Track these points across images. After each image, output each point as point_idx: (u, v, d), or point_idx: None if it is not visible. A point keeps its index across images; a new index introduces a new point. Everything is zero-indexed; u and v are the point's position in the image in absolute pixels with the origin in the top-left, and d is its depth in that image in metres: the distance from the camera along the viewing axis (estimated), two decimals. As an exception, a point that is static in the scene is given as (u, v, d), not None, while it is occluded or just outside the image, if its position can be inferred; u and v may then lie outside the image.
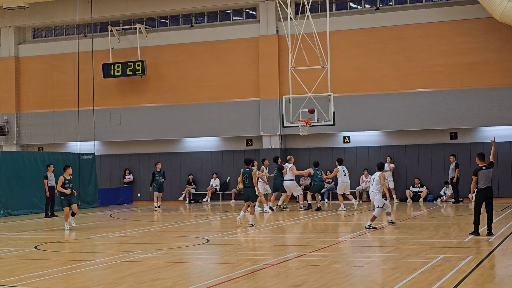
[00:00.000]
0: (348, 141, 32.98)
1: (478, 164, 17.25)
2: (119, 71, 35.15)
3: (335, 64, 30.07)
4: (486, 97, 30.50)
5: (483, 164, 17.10)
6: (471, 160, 30.81)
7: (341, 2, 33.35)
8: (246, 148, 34.21)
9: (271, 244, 17.23)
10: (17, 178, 29.34)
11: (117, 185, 36.23)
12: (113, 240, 18.31)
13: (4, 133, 37.44)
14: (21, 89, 37.84)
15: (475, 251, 14.44)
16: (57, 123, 36.54)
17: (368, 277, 11.59)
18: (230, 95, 33.98)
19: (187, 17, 35.84)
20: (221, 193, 34.64)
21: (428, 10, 31.66)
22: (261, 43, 33.51)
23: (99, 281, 11.57)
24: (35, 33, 38.84)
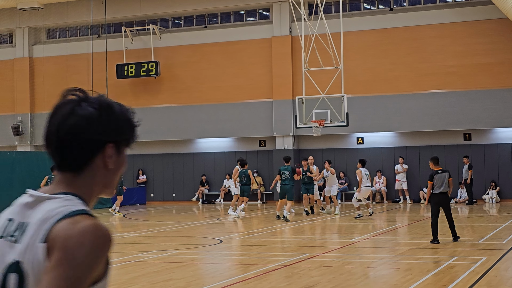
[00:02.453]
0: (361, 142, 32.91)
1: (432, 168, 16.56)
2: (133, 71, 35.24)
3: (348, 65, 30.01)
4: (500, 98, 30.36)
5: (438, 168, 16.45)
6: (485, 162, 30.71)
7: (355, 2, 33.29)
8: (259, 149, 34.21)
9: (284, 245, 17.23)
10: (31, 178, 29.44)
11: (131, 186, 36.31)
12: (127, 240, 18.36)
13: (18, 134, 37.62)
14: (36, 89, 38.01)
15: (489, 252, 14.38)
16: (71, 123, 36.61)
17: (381, 279, 11.57)
18: (243, 96, 33.99)
19: (200, 18, 35.89)
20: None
21: (442, 11, 31.56)
22: (275, 44, 33.50)
23: (113, 281, 11.60)
24: (50, 33, 39.02)
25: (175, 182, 35.66)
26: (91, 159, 2.22)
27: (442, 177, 16.20)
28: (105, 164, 2.25)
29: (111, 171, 2.27)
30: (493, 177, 30.70)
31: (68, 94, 2.28)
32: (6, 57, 38.66)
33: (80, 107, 2.23)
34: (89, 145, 2.21)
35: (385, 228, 20.40)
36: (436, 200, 16.16)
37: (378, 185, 31.73)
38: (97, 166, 2.24)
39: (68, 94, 2.28)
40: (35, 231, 2.12)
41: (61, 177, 2.24)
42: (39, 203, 2.19)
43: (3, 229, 2.24)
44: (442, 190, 16.13)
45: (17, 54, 38.33)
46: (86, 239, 2.03)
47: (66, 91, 2.29)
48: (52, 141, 2.23)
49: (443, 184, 16.13)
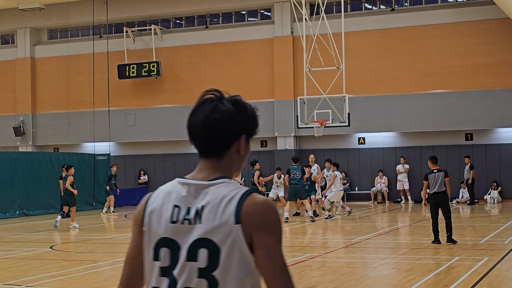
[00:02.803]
0: (363, 142, 32.90)
1: (430, 167, 16.34)
2: (134, 72, 35.25)
3: (350, 65, 30.01)
4: (501, 98, 30.35)
5: (434, 168, 16.21)
6: (486, 162, 30.70)
7: (356, 2, 33.29)
8: (261, 149, 34.21)
9: (286, 245, 17.23)
10: (32, 178, 29.49)
11: (132, 186, 36.32)
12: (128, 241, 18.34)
13: (20, 134, 37.64)
14: (37, 90, 38.03)
15: (490, 253, 14.37)
16: (73, 123, 36.69)
17: (382, 279, 11.57)
18: (244, 96, 33.04)
19: (202, 18, 35.90)
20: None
21: (443, 11, 31.55)
22: (276, 44, 33.50)
23: (114, 282, 11.61)
24: (51, 34, 39.03)
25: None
26: (229, 147, 2.75)
27: (437, 176, 15.96)
28: (239, 150, 2.78)
29: (242, 156, 2.81)
30: (495, 177, 30.69)
31: (207, 93, 2.79)
32: (8, 57, 38.68)
33: (222, 104, 2.76)
34: (229, 135, 2.74)
35: (386, 228, 20.40)
36: (433, 200, 15.97)
37: (380, 185, 31.73)
38: (233, 153, 2.77)
39: (207, 93, 2.79)
40: (218, 213, 2.62)
41: (207, 163, 2.76)
42: (203, 189, 2.68)
43: (174, 215, 2.68)
44: (436, 190, 15.88)
45: (18, 55, 38.35)
46: (272, 211, 2.63)
47: (205, 92, 2.79)
48: (197, 133, 2.74)
49: (437, 184, 15.88)
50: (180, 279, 2.63)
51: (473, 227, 20.46)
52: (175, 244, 2.67)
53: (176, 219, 2.68)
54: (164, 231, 2.69)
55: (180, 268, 2.63)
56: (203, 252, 2.61)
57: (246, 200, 2.62)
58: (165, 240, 2.68)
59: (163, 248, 2.69)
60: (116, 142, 36.27)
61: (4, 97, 38.54)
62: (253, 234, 2.60)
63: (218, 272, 2.59)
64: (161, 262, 2.68)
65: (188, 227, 2.65)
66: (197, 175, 2.74)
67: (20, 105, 38.03)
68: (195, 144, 2.77)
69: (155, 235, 2.71)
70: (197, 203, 2.66)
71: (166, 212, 2.71)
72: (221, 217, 2.61)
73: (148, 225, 2.75)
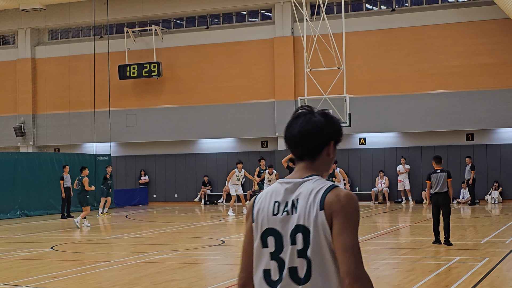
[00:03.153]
0: (363, 142, 32.90)
1: (434, 167, 16.09)
2: (135, 72, 35.26)
3: (350, 65, 30.01)
4: (502, 98, 30.34)
5: (437, 168, 15.97)
6: (487, 162, 30.68)
7: (357, 3, 33.29)
8: (262, 149, 34.22)
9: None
10: (33, 179, 29.50)
11: (133, 186, 36.33)
12: (129, 241, 18.36)
13: (20, 134, 37.65)
14: (38, 90, 38.04)
15: (491, 253, 14.37)
16: (73, 124, 36.70)
17: (383, 279, 11.56)
18: (245, 96, 34.00)
19: (202, 19, 35.90)
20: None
21: (444, 11, 31.55)
22: (277, 45, 33.51)
23: (115, 282, 11.61)
24: (52, 34, 39.04)
25: (177, 182, 35.67)
26: (321, 151, 3.34)
27: (439, 177, 15.79)
28: (329, 154, 3.36)
29: (331, 159, 3.37)
30: (496, 177, 30.69)
31: (300, 109, 3.45)
32: (9, 58, 38.69)
33: (313, 116, 3.38)
34: (321, 142, 3.34)
35: (387, 229, 20.40)
36: (434, 200, 15.80)
37: (381, 186, 31.73)
38: (324, 156, 3.35)
39: (300, 109, 3.45)
40: (308, 202, 3.21)
41: (302, 165, 3.35)
42: (298, 185, 3.28)
43: (275, 208, 3.28)
44: (438, 190, 15.73)
45: (19, 55, 38.36)
46: (351, 201, 3.16)
47: (299, 107, 3.45)
48: (294, 141, 3.36)
49: (439, 184, 15.72)
50: (286, 260, 3.21)
51: (474, 227, 20.45)
52: (278, 233, 3.26)
53: (277, 212, 3.28)
54: (268, 223, 3.29)
55: (285, 252, 3.22)
56: (299, 236, 3.20)
57: (330, 192, 3.19)
58: (270, 230, 3.28)
59: (269, 237, 3.28)
60: (117, 142, 36.28)
61: (5, 98, 38.55)
62: (333, 218, 3.15)
63: (309, 251, 3.17)
64: (269, 249, 3.27)
65: (287, 217, 3.24)
66: (294, 175, 3.35)
67: (21, 106, 38.04)
68: (293, 150, 3.38)
69: (261, 227, 3.31)
70: (293, 197, 3.26)
71: (269, 207, 3.31)
72: (310, 205, 3.19)
73: (256, 220, 3.34)
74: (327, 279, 3.15)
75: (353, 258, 3.08)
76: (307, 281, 3.17)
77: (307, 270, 3.17)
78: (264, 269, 3.28)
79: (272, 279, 3.26)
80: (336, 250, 3.12)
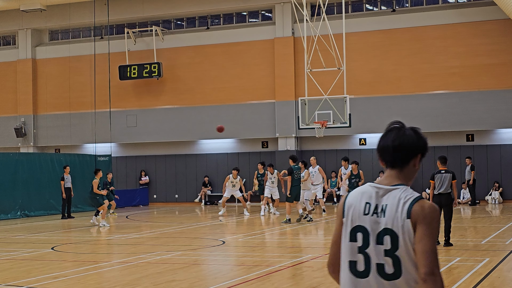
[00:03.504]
0: (364, 143, 32.91)
1: (438, 167, 15.95)
2: (135, 73, 35.27)
3: (351, 66, 30.01)
4: (502, 99, 30.35)
5: (442, 168, 15.83)
6: (487, 162, 30.69)
7: (357, 3, 33.29)
8: (262, 150, 34.22)
9: (287, 246, 17.23)
10: (34, 179, 29.50)
11: (133, 187, 36.35)
12: (129, 242, 18.37)
13: (21, 135, 37.66)
14: (38, 91, 38.05)
15: (491, 253, 14.37)
16: (74, 124, 36.71)
17: (384, 280, 11.56)
18: (246, 97, 34.00)
19: (203, 19, 35.91)
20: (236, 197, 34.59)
21: (444, 12, 31.56)
22: (277, 45, 33.51)
23: (115, 282, 11.62)
24: (52, 35, 39.06)
25: (177, 183, 35.68)
26: (408, 162, 3.79)
27: (443, 177, 15.64)
28: (415, 165, 3.82)
29: (416, 170, 3.83)
30: (496, 178, 30.70)
31: (392, 124, 3.85)
32: (9, 58, 38.71)
33: (405, 131, 3.82)
34: (410, 153, 3.79)
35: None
36: (436, 201, 15.57)
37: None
38: (410, 167, 3.80)
39: (392, 124, 3.85)
40: (397, 210, 3.63)
41: (391, 173, 3.80)
42: (387, 192, 3.70)
43: (366, 209, 3.70)
44: (442, 191, 15.59)
45: (20, 56, 38.37)
46: (434, 212, 3.60)
47: (391, 123, 3.86)
48: (387, 151, 3.80)
49: (443, 185, 15.59)
50: (372, 256, 3.65)
51: (474, 227, 20.45)
52: (366, 230, 3.67)
53: (367, 212, 3.69)
54: (358, 221, 3.70)
55: (371, 249, 3.64)
56: (386, 238, 3.62)
57: (416, 203, 3.62)
58: (359, 227, 3.70)
59: (358, 233, 3.69)
60: (117, 143, 36.29)
61: (5, 98, 38.57)
62: (417, 224, 3.58)
63: (399, 252, 3.60)
64: (357, 243, 3.68)
65: (376, 219, 3.66)
66: (384, 181, 3.79)
67: (21, 106, 38.05)
68: (385, 158, 3.82)
69: (351, 223, 3.72)
70: (383, 202, 3.68)
71: (360, 207, 3.71)
72: (398, 213, 3.62)
73: (346, 216, 3.74)
74: (411, 277, 3.60)
75: (431, 260, 3.55)
76: (396, 278, 3.62)
77: (394, 268, 3.62)
78: (350, 260, 3.71)
79: (358, 269, 3.70)
80: (417, 252, 3.57)
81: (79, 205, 31.04)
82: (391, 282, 3.62)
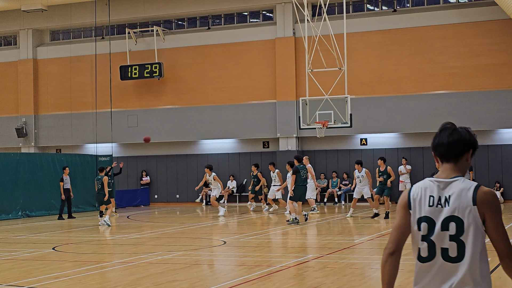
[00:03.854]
0: (365, 143, 32.91)
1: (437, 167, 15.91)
2: (136, 73, 35.28)
3: (352, 66, 30.01)
4: (503, 99, 30.35)
5: None
6: (488, 163, 30.68)
7: (358, 4, 33.29)
8: (263, 150, 34.22)
9: (288, 246, 17.23)
10: (35, 179, 29.52)
11: (134, 187, 36.36)
12: (130, 242, 18.37)
13: (22, 135, 37.67)
14: (39, 91, 38.07)
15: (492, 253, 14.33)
16: (75, 125, 36.73)
17: (385, 280, 11.56)
18: (247, 97, 34.01)
19: (204, 19, 35.92)
20: (237, 195, 34.66)
21: (445, 12, 31.55)
22: (278, 45, 33.52)
23: (116, 283, 11.62)
24: (53, 35, 39.07)
25: (178, 183, 35.69)
26: (462, 156, 4.26)
27: None
28: (467, 159, 4.28)
29: (468, 164, 4.30)
30: (497, 178, 30.70)
31: (445, 125, 4.34)
32: (10, 58, 38.73)
33: (458, 129, 4.30)
34: (464, 149, 4.26)
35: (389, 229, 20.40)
36: None
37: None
38: (463, 160, 4.26)
39: (445, 125, 4.34)
40: (461, 198, 4.11)
41: (447, 166, 4.27)
42: (448, 184, 4.18)
43: (431, 201, 4.19)
44: None
45: (21, 56, 38.39)
46: (495, 196, 4.12)
47: (444, 123, 4.36)
48: (443, 147, 4.27)
49: None
50: (436, 242, 4.13)
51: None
52: (431, 220, 4.17)
53: (432, 204, 4.18)
54: (424, 212, 4.19)
55: (436, 235, 4.13)
56: (452, 224, 4.10)
57: (479, 190, 4.11)
58: (425, 218, 4.19)
59: (423, 222, 4.19)
60: (119, 143, 36.30)
61: (6, 98, 38.59)
62: (485, 213, 4.07)
63: (463, 237, 4.07)
64: (422, 232, 4.18)
65: (440, 209, 4.14)
66: (441, 175, 4.25)
67: (22, 107, 38.07)
68: (441, 154, 4.29)
69: (418, 214, 4.21)
70: (445, 193, 4.16)
71: (425, 200, 4.20)
72: (463, 201, 4.09)
73: (413, 208, 4.23)
74: (475, 259, 4.10)
75: (506, 241, 4.12)
76: (459, 261, 4.10)
77: (458, 251, 4.09)
78: (418, 247, 4.22)
79: (422, 255, 4.21)
80: (493, 238, 4.11)
81: (80, 205, 31.06)
82: (454, 264, 4.10)
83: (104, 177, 23.83)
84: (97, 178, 24.12)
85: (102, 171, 24.30)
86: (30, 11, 35.67)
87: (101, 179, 23.82)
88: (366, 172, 24.94)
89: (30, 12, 35.88)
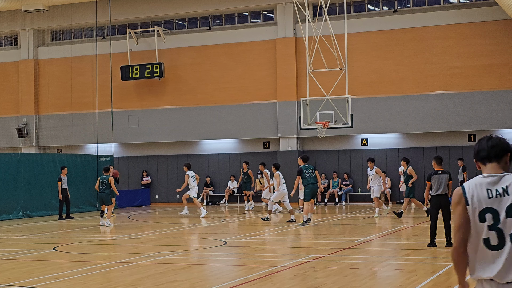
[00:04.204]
0: (365, 143, 32.91)
1: (434, 168, 15.74)
2: (137, 73, 35.29)
3: (353, 66, 30.01)
4: (504, 99, 30.35)
5: (438, 169, 15.62)
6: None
7: (359, 4, 33.29)
8: (264, 150, 34.23)
9: (289, 246, 17.24)
10: (35, 180, 29.52)
11: (135, 187, 36.36)
12: (131, 242, 18.38)
13: (23, 135, 37.69)
14: (40, 91, 38.09)
15: None
16: (76, 125, 36.74)
17: (385, 280, 11.57)
18: (247, 97, 34.01)
19: (205, 20, 35.92)
20: (238, 195, 34.67)
21: (446, 12, 31.55)
22: (279, 45, 33.52)
23: (117, 283, 11.62)
24: (54, 35, 39.09)
25: (179, 183, 35.60)
26: (502, 158, 4.72)
27: (441, 178, 15.48)
28: (506, 162, 4.73)
29: (508, 167, 4.75)
30: (498, 178, 30.63)
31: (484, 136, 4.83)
32: (11, 59, 38.76)
33: (496, 136, 4.76)
34: (503, 151, 4.72)
35: (389, 230, 20.40)
36: (434, 202, 15.51)
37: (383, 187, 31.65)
38: (503, 162, 4.72)
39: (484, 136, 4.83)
40: None
41: (491, 166, 4.72)
42: (501, 178, 4.63)
43: (489, 194, 4.59)
44: (441, 192, 15.44)
45: (22, 56, 38.41)
46: None
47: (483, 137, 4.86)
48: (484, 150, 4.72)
49: (441, 186, 15.44)
50: (504, 229, 4.52)
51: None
52: (494, 210, 4.55)
53: (491, 196, 4.58)
54: (485, 204, 4.57)
55: (503, 223, 4.53)
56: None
57: None
58: (487, 209, 4.56)
59: (487, 214, 4.55)
60: (119, 143, 36.32)
61: (7, 99, 38.61)
62: None
63: None
64: (487, 222, 4.55)
65: (500, 199, 4.57)
66: (491, 172, 4.68)
67: (23, 107, 38.09)
68: (482, 156, 4.75)
69: (478, 208, 4.58)
70: (501, 185, 4.60)
71: (482, 193, 4.59)
72: None
73: (472, 203, 4.60)
74: None
75: None
76: None
77: None
78: (484, 238, 4.55)
79: (492, 244, 4.54)
80: None
81: (81, 205, 31.07)
82: None
83: (109, 177, 23.88)
84: (102, 178, 24.08)
85: (107, 171, 24.25)
86: (31, 11, 35.70)
87: (106, 179, 23.82)
88: (376, 170, 25.01)
89: (31, 12, 35.91)
